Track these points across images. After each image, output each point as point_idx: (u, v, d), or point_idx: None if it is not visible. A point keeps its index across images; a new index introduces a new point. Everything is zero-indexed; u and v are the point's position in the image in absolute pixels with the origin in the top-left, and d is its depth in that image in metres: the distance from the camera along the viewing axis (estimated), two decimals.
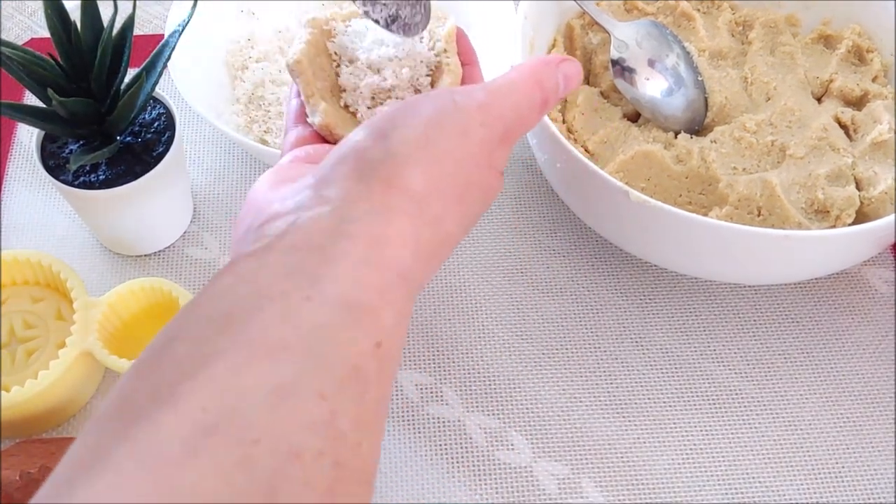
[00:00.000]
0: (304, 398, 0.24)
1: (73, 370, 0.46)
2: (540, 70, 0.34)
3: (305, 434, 0.23)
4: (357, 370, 0.25)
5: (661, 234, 0.46)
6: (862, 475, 0.47)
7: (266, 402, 0.23)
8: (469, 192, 0.31)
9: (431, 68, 0.39)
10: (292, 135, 0.37)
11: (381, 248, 0.28)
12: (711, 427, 0.49)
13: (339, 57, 0.39)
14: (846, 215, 0.48)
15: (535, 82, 0.33)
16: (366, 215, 0.28)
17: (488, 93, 0.32)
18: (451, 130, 0.30)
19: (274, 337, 0.25)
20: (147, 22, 0.66)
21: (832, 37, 0.57)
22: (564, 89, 0.35)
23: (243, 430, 0.22)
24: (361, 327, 0.26)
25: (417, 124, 0.30)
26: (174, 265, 0.54)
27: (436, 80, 0.38)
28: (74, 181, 0.48)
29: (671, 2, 0.57)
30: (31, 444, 0.44)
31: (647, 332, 0.52)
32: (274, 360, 0.24)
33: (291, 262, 0.27)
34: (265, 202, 0.31)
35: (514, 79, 0.33)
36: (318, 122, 0.36)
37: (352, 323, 0.26)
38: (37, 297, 0.50)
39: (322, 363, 0.25)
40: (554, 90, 0.34)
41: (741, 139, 0.50)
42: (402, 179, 0.29)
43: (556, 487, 0.47)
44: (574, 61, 0.35)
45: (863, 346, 0.52)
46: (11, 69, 0.44)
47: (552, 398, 0.49)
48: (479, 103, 0.31)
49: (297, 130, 0.37)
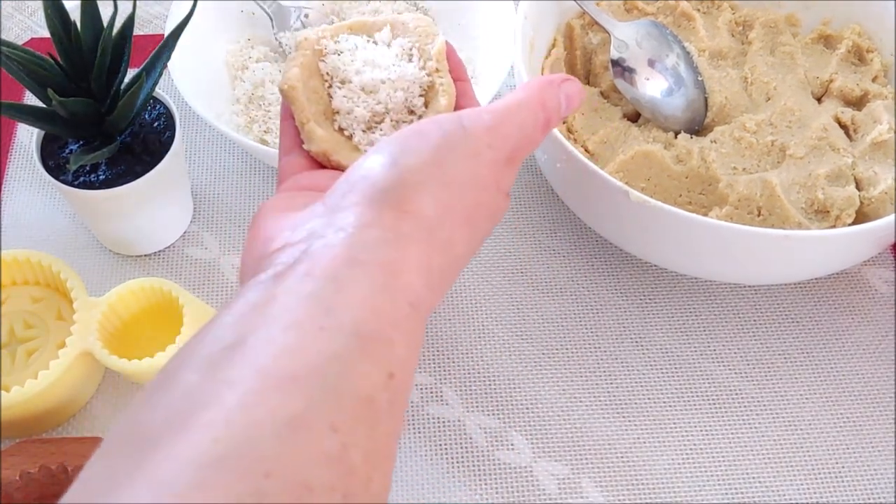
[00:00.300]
0: (317, 430, 0.23)
1: (72, 370, 0.46)
2: (543, 90, 0.34)
3: (317, 467, 0.23)
4: (370, 402, 0.25)
5: (661, 234, 0.46)
6: (862, 475, 0.47)
7: (278, 434, 0.23)
8: (478, 214, 0.31)
9: (424, 88, 0.38)
10: (288, 162, 0.37)
11: (395, 276, 0.28)
12: (711, 427, 0.49)
13: (331, 77, 0.39)
14: (846, 215, 0.48)
15: (538, 103, 0.34)
16: (378, 243, 0.28)
17: (494, 115, 0.32)
18: (460, 154, 0.31)
19: (287, 367, 0.24)
20: (147, 22, 0.66)
21: (832, 37, 0.57)
22: (566, 109, 0.35)
23: (255, 462, 0.22)
24: (374, 358, 0.26)
25: (427, 150, 0.30)
26: (174, 265, 0.54)
27: (429, 100, 0.38)
28: (74, 181, 0.48)
29: (671, 2, 0.57)
30: (31, 444, 0.44)
31: (647, 332, 0.52)
32: (286, 391, 0.24)
33: (305, 290, 0.26)
34: (275, 230, 0.31)
35: (519, 100, 0.33)
36: (315, 150, 0.36)
37: (365, 354, 0.26)
38: (37, 297, 0.50)
39: (335, 395, 0.24)
40: (556, 110, 0.34)
41: (741, 139, 0.50)
42: (414, 205, 0.29)
43: (556, 487, 0.47)
44: (575, 81, 0.36)
45: (863, 346, 0.52)
46: (11, 69, 0.44)
47: (552, 398, 0.49)
48: (487, 126, 0.31)
49: (293, 158, 0.37)
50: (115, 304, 0.48)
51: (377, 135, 0.38)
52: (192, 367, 0.25)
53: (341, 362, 0.25)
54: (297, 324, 0.25)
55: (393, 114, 0.38)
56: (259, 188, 0.58)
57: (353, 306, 0.26)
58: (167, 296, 0.48)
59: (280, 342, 0.25)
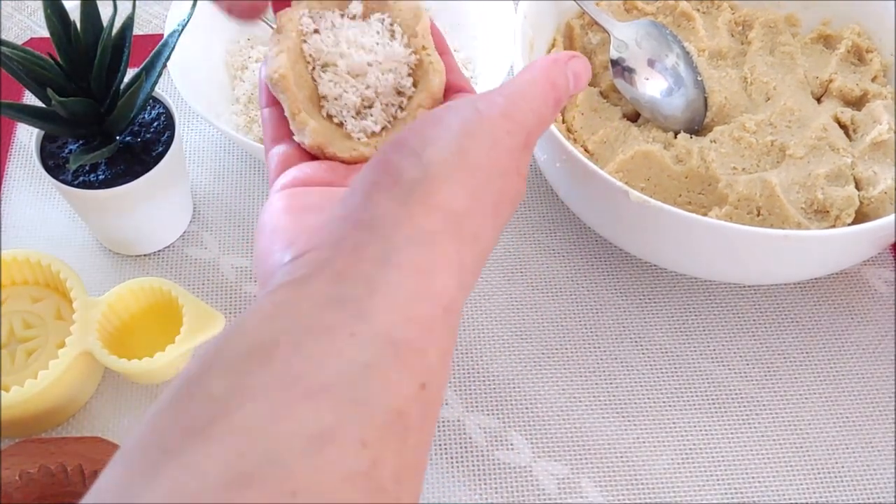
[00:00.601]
0: (345, 445, 0.22)
1: (72, 370, 0.46)
2: (551, 69, 0.33)
3: (344, 486, 0.22)
4: (400, 415, 0.24)
5: (660, 233, 0.46)
6: (862, 475, 0.47)
7: (305, 449, 0.22)
8: (503, 201, 0.30)
9: (412, 67, 0.37)
10: (276, 154, 0.35)
11: (429, 278, 0.26)
12: (711, 427, 0.49)
13: (314, 60, 0.36)
14: (846, 215, 0.48)
15: (547, 82, 0.33)
16: (410, 243, 0.27)
17: (507, 98, 0.31)
18: (481, 142, 0.29)
19: (315, 376, 0.23)
20: (147, 22, 0.66)
21: (832, 37, 0.57)
22: (574, 87, 0.34)
23: (281, 480, 0.21)
24: (407, 368, 0.24)
25: (450, 139, 0.29)
26: (174, 265, 0.54)
27: (417, 79, 0.37)
28: (74, 181, 0.48)
29: (671, 2, 0.57)
30: (31, 443, 0.44)
31: (647, 332, 0.52)
32: (314, 402, 0.23)
33: (337, 291, 0.25)
34: (294, 233, 0.29)
35: (529, 80, 0.32)
36: (308, 142, 0.35)
37: (397, 363, 0.24)
38: (36, 296, 0.50)
39: (365, 407, 0.23)
40: (565, 88, 0.34)
41: (741, 139, 0.50)
42: (442, 198, 0.28)
43: (556, 487, 0.47)
44: (582, 58, 0.35)
45: (862, 346, 0.52)
46: (11, 69, 0.44)
47: (552, 398, 0.49)
48: (502, 111, 0.30)
49: (283, 149, 0.35)
50: (114, 304, 0.48)
51: (368, 121, 0.36)
52: (216, 372, 0.24)
53: (372, 371, 0.24)
54: (327, 329, 0.24)
55: (383, 98, 0.36)
56: (259, 188, 0.58)
57: (386, 311, 0.25)
58: (167, 296, 0.48)
59: (309, 348, 0.23)
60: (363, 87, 0.36)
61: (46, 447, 0.44)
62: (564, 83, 0.34)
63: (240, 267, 0.54)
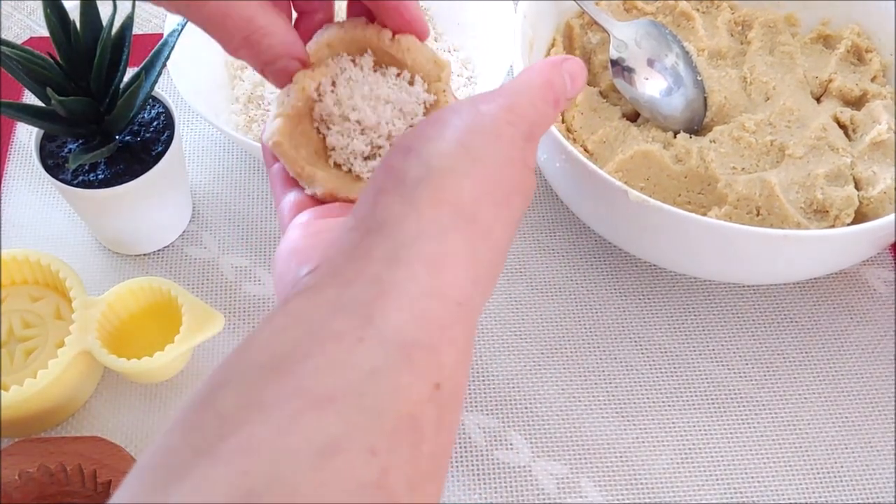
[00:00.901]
0: (353, 455, 0.22)
1: (72, 369, 0.46)
2: (547, 71, 0.34)
3: (353, 497, 0.21)
4: (412, 419, 0.23)
5: (660, 233, 0.46)
6: (862, 475, 0.47)
7: (311, 463, 0.21)
8: (513, 192, 0.30)
9: (427, 106, 0.36)
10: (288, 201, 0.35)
11: (439, 272, 0.26)
12: (711, 427, 0.49)
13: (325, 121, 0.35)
14: (845, 215, 0.48)
15: (544, 81, 0.33)
16: (418, 238, 0.26)
17: (507, 96, 0.31)
18: (484, 135, 0.29)
19: (323, 386, 0.23)
20: (146, 21, 0.66)
21: (831, 37, 0.57)
22: (572, 87, 0.34)
23: (286, 496, 0.21)
24: (418, 370, 0.24)
25: (450, 135, 0.29)
26: (173, 264, 0.54)
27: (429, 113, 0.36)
28: (73, 180, 0.48)
29: (670, 1, 0.57)
30: (31, 443, 0.44)
31: (647, 332, 0.52)
32: (322, 412, 0.22)
33: (347, 295, 0.25)
34: (310, 250, 0.29)
35: (526, 80, 0.32)
36: (321, 193, 0.34)
37: (408, 366, 0.24)
38: (36, 296, 0.50)
39: (374, 414, 0.23)
40: (562, 88, 0.34)
41: (740, 139, 0.50)
42: (449, 192, 0.27)
43: (556, 487, 0.46)
44: (576, 60, 0.35)
45: (862, 346, 0.52)
46: (11, 68, 0.44)
47: (551, 398, 0.49)
48: (502, 105, 0.30)
49: (293, 196, 0.35)
50: (114, 304, 0.48)
51: (377, 161, 0.35)
52: (228, 385, 0.23)
53: (381, 377, 0.23)
54: (335, 336, 0.24)
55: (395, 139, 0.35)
56: (259, 188, 0.58)
57: (396, 311, 0.24)
58: (166, 295, 0.48)
59: (317, 358, 0.23)
60: (375, 135, 0.35)
61: (46, 447, 0.44)
62: (561, 83, 0.34)
63: (239, 266, 0.54)
